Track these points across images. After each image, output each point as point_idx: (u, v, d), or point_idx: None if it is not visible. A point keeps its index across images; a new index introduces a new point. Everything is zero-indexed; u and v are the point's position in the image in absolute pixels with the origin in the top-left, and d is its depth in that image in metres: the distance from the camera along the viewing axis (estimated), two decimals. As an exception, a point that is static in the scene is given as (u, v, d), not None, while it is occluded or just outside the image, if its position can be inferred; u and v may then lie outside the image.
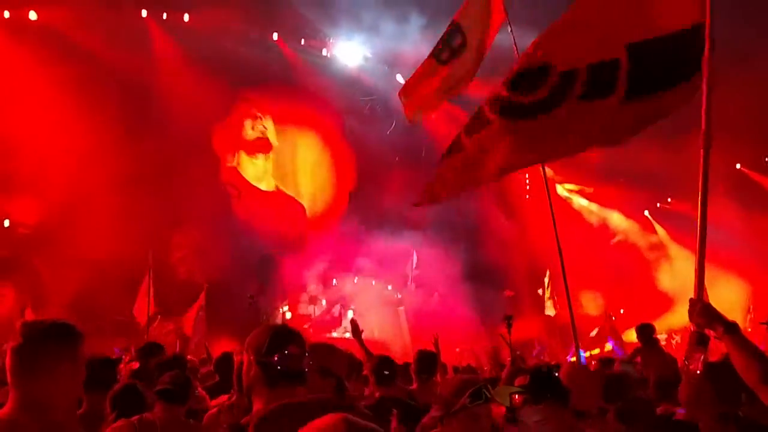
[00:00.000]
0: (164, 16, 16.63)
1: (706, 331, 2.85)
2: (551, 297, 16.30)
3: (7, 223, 15.09)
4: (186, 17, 16.74)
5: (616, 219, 21.14)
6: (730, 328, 2.72)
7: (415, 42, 16.63)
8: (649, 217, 21.04)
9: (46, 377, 2.25)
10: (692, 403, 3.37)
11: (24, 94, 14.52)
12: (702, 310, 2.85)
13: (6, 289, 14.35)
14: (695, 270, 3.19)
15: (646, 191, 19.31)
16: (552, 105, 3.78)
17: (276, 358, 2.37)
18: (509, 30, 6.07)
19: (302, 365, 2.43)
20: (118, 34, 15.51)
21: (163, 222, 15.29)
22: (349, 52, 19.05)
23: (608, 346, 14.66)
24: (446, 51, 6.31)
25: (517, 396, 2.79)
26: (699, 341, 2.93)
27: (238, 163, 19.06)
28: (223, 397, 4.65)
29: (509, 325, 6.37)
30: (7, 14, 14.94)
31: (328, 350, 3.08)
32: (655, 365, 6.38)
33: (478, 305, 17.19)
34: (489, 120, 3.93)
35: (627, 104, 3.71)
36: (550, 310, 16.55)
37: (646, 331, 7.50)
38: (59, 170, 14.05)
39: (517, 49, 6.05)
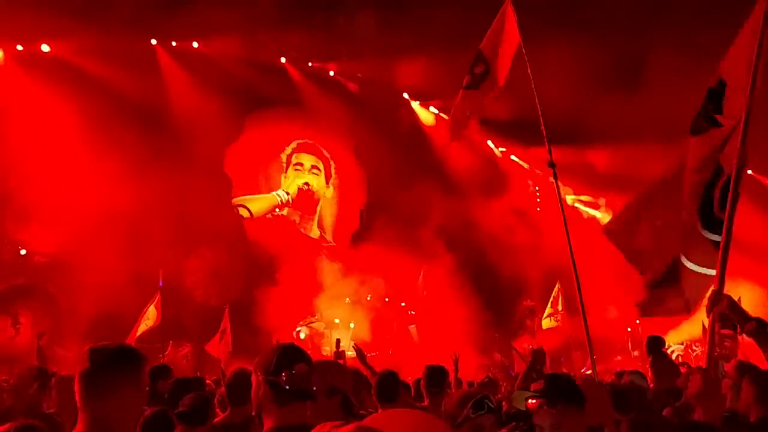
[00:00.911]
0: (173, 44, 16.90)
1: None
2: (559, 311, 15.90)
3: (23, 251, 15.27)
4: (195, 44, 17.00)
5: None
6: (762, 324, 2.71)
7: (420, 61, 16.81)
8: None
9: (113, 400, 2.36)
10: (704, 397, 3.35)
11: (37, 124, 14.77)
12: (729, 304, 2.86)
13: (23, 316, 14.50)
14: (718, 263, 3.23)
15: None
16: None
17: (284, 377, 2.42)
18: (523, 52, 6.27)
19: (311, 383, 2.47)
20: (129, 63, 15.78)
21: (178, 246, 15.39)
22: (355, 72, 19.23)
23: None
24: (469, 77, 6.83)
25: (532, 400, 2.81)
26: (729, 327, 2.94)
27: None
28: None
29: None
30: (19, 47, 15.25)
31: (332, 367, 3.11)
32: (665, 375, 6.34)
33: (492, 319, 17.12)
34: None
35: None
36: (549, 324, 16.13)
37: (653, 343, 7.47)
38: (74, 198, 14.22)
39: (530, 70, 6.23)
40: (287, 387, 2.41)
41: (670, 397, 5.27)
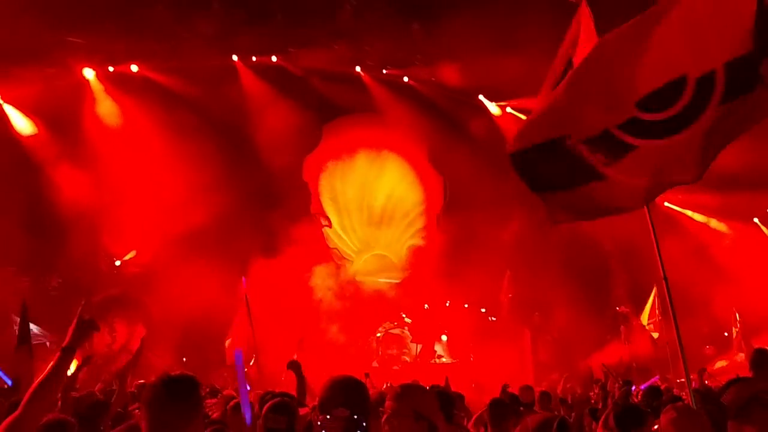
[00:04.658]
0: (253, 59, 17.42)
1: None
2: (657, 317, 15.03)
3: (118, 262, 16.10)
4: (274, 58, 17.45)
5: (721, 227, 19.82)
6: None
7: (494, 62, 16.54)
8: (760, 224, 19.61)
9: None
10: None
11: (128, 141, 15.59)
12: None
13: (119, 324, 15.25)
14: None
15: (753, 195, 18.01)
16: (694, 116, 3.69)
17: (319, 422, 2.44)
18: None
19: (353, 426, 2.44)
20: (212, 79, 16.37)
21: (260, 256, 15.78)
22: (429, 76, 19.16)
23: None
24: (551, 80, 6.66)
25: None
26: None
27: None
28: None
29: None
30: (111, 69, 16.14)
31: (419, 392, 3.06)
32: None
33: (581, 324, 16.52)
34: (631, 145, 3.86)
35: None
36: (654, 333, 15.27)
37: (758, 357, 6.84)
38: (163, 211, 14.86)
39: None
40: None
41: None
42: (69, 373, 3.08)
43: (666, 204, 19.39)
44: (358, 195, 19.62)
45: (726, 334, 16.34)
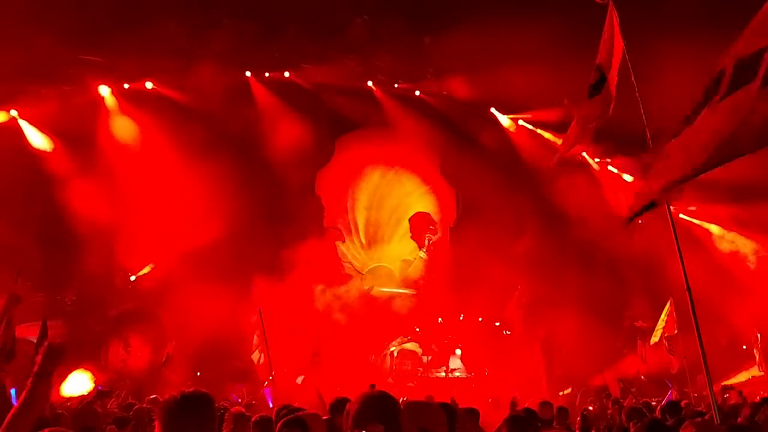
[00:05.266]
0: (266, 74, 17.55)
1: None
2: (675, 329, 14.59)
3: (133, 278, 16.17)
4: (286, 74, 17.57)
5: (739, 239, 19.51)
6: None
7: (506, 74, 16.57)
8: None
9: None
10: None
11: (143, 157, 15.71)
12: None
13: (134, 339, 15.31)
14: None
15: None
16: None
17: None
18: (626, 58, 6.06)
19: None
20: (225, 95, 16.48)
21: (274, 271, 15.79)
22: (441, 90, 19.19)
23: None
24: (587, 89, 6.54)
25: None
26: None
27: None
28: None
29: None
30: (126, 86, 16.32)
31: (424, 408, 3.03)
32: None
33: (596, 338, 16.32)
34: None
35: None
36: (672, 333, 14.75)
37: None
38: (178, 226, 14.94)
39: (633, 75, 5.98)
40: None
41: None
42: (86, 392, 3.11)
43: (681, 216, 19.20)
44: (371, 209, 19.62)
45: (744, 347, 16.07)
